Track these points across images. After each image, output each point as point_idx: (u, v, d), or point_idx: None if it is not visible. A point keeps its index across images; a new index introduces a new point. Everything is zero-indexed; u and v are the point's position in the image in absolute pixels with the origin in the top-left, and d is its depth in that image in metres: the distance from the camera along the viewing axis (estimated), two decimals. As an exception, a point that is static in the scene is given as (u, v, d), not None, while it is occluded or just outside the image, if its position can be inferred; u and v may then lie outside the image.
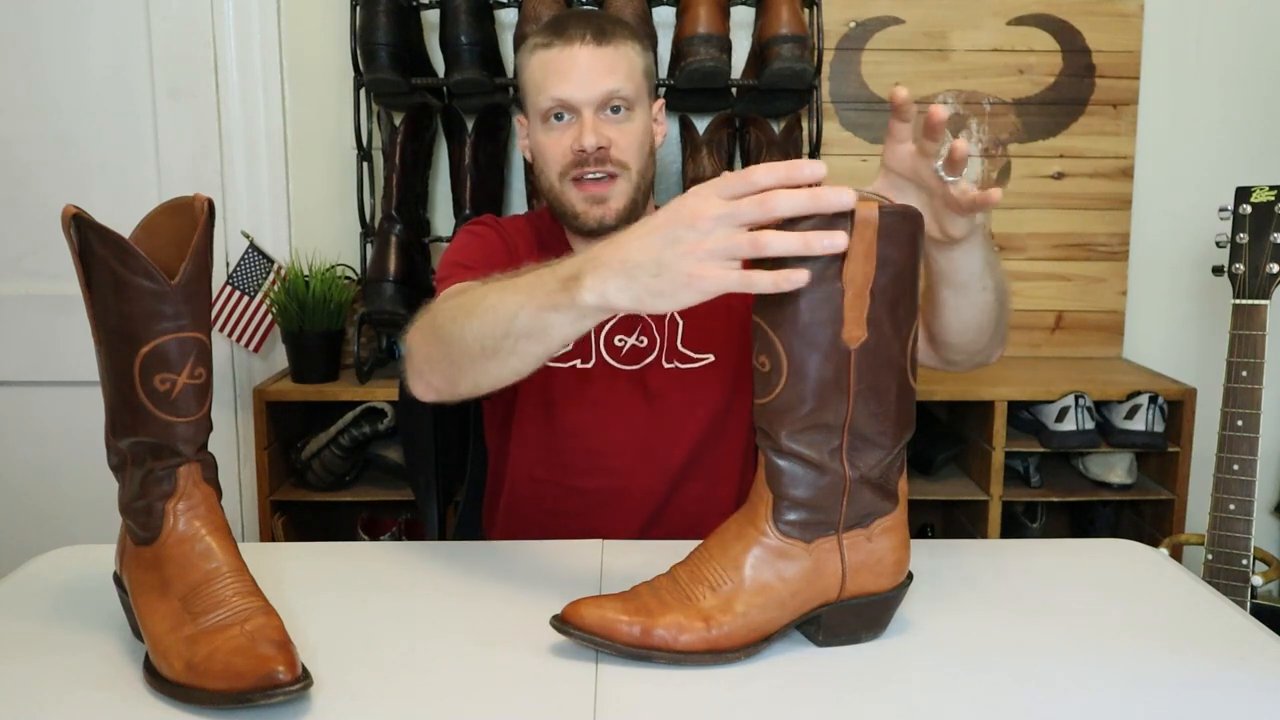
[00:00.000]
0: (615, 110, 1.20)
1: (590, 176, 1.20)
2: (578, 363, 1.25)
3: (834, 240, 0.69)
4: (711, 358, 1.27)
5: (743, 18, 2.06)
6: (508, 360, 0.89)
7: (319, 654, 0.81)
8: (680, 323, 1.27)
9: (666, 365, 1.26)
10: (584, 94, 1.19)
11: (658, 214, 0.76)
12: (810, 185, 0.70)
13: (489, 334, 0.89)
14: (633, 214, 1.23)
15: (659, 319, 1.27)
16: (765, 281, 0.71)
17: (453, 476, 1.45)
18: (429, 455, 1.38)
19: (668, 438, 1.26)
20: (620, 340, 1.26)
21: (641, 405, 1.26)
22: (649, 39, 1.90)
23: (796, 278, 0.70)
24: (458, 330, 0.93)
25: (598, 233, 1.21)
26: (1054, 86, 2.17)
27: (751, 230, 0.72)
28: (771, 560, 0.81)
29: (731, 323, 1.26)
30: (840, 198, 0.69)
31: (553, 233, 1.32)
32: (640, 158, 1.23)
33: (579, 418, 1.25)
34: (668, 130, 1.30)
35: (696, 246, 0.72)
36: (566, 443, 1.26)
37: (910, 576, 0.87)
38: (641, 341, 1.26)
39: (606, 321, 1.24)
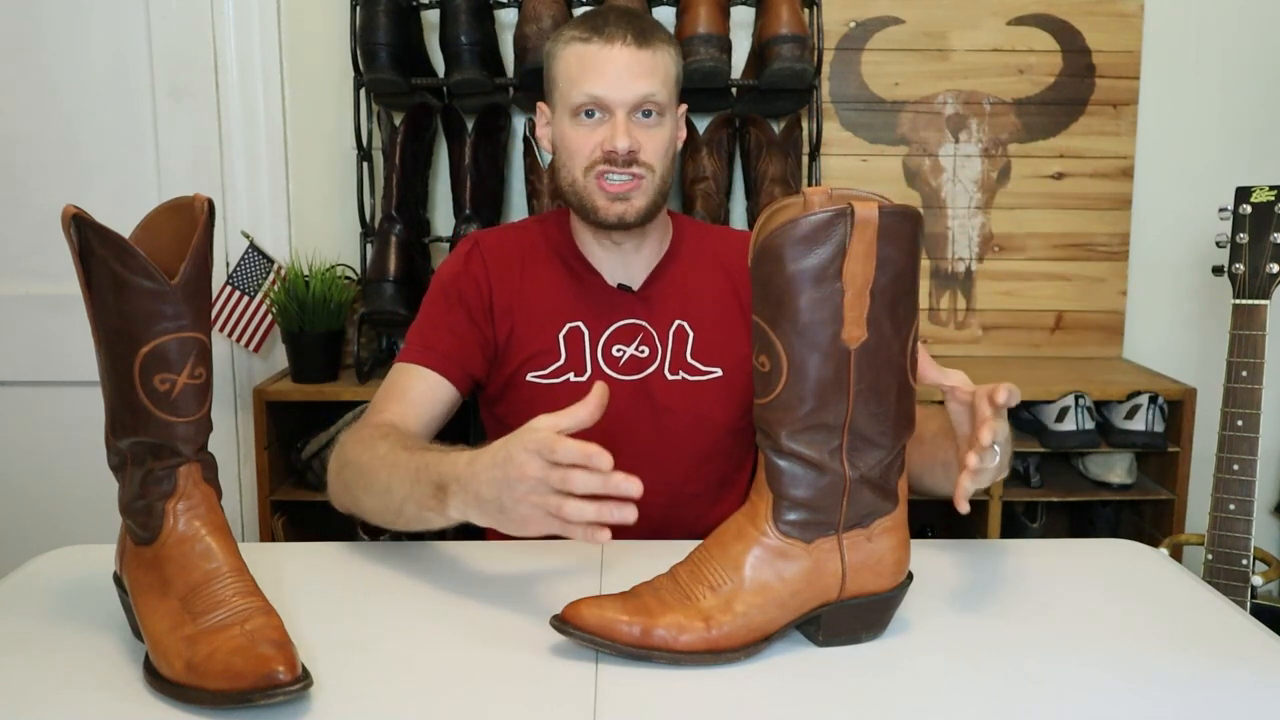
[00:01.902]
0: (647, 114, 1.20)
1: (615, 177, 1.20)
2: (571, 376, 1.24)
3: (624, 514, 0.81)
4: (719, 372, 1.26)
5: (743, 18, 2.06)
6: (405, 528, 1.02)
7: (319, 654, 0.81)
8: (691, 334, 1.26)
9: (671, 376, 1.26)
10: (620, 95, 1.18)
11: (500, 450, 0.86)
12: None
13: (383, 510, 1.02)
14: (652, 214, 1.23)
15: (661, 329, 1.26)
16: (576, 532, 0.83)
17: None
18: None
19: (671, 450, 1.25)
20: (619, 350, 1.25)
21: (645, 417, 1.25)
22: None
23: (601, 536, 0.82)
24: (358, 494, 1.06)
25: (616, 228, 1.22)
26: (1054, 86, 2.17)
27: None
28: (771, 560, 0.81)
29: (745, 339, 1.25)
30: (628, 485, 0.81)
31: (563, 237, 1.31)
32: (664, 162, 1.23)
33: (580, 430, 1.23)
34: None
35: (523, 499, 0.84)
36: None
37: (910, 576, 0.87)
38: (642, 351, 1.25)
39: (601, 333, 1.25)
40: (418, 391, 1.23)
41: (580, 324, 1.25)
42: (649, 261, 1.29)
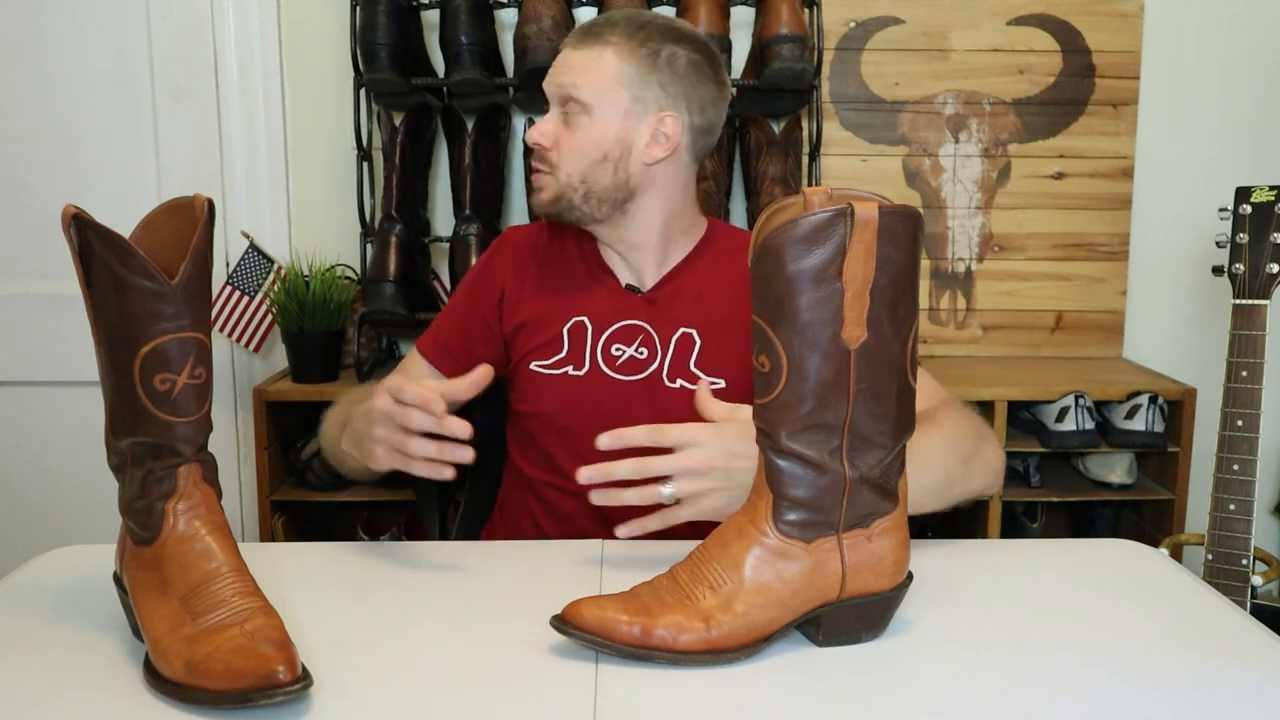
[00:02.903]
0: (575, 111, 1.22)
1: (535, 167, 1.25)
2: (570, 369, 1.25)
3: (460, 454, 0.96)
4: (723, 383, 1.25)
5: (743, 18, 2.06)
6: (353, 475, 1.21)
7: (319, 654, 0.81)
8: (698, 343, 1.25)
9: (670, 384, 1.24)
10: (548, 88, 1.23)
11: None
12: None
13: (333, 455, 1.22)
14: (563, 211, 1.24)
15: (664, 333, 1.26)
16: (419, 468, 0.98)
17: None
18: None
19: (668, 454, 1.25)
20: (618, 349, 1.26)
21: (641, 418, 1.22)
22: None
23: (445, 472, 0.97)
24: (331, 447, 1.23)
25: (545, 215, 1.27)
26: (1054, 86, 2.17)
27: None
28: (771, 560, 0.81)
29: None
30: (458, 427, 0.95)
31: (587, 236, 1.31)
32: (576, 164, 1.21)
33: (576, 421, 1.24)
34: (678, 143, 1.22)
35: (373, 430, 1.01)
36: (563, 446, 1.25)
37: (910, 576, 0.87)
38: (641, 353, 1.25)
39: (604, 330, 1.26)
40: (413, 377, 1.28)
41: (585, 319, 1.26)
42: (660, 265, 1.29)
